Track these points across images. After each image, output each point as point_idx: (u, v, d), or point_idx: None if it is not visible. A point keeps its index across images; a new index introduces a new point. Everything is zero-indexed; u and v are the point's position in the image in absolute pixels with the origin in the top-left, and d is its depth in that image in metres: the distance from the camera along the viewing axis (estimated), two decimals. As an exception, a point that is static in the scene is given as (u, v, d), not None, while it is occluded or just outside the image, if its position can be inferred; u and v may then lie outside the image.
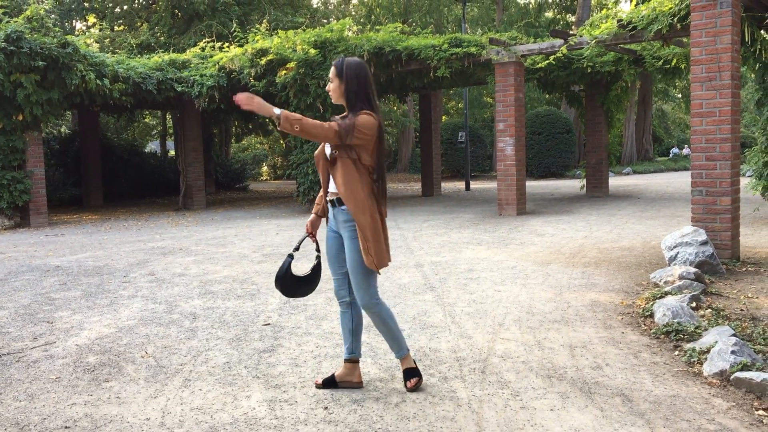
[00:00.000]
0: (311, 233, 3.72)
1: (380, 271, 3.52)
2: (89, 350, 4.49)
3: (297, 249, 3.74)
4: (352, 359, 3.67)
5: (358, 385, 3.67)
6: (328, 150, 3.49)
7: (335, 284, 3.69)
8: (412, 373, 3.63)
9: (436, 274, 6.76)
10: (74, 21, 26.84)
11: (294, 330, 4.86)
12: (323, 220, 3.74)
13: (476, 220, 11.54)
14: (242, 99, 3.15)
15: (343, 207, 3.47)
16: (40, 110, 12.16)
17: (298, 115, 3.23)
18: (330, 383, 3.67)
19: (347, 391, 3.62)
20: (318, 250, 3.80)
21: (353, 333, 3.68)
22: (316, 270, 3.80)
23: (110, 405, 3.52)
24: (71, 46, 12.21)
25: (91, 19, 27.04)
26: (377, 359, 4.15)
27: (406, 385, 3.61)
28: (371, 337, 4.62)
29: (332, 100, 3.55)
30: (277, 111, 3.18)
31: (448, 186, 22.40)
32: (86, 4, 24.98)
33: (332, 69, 3.51)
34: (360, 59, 3.55)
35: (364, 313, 3.65)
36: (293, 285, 3.75)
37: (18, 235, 11.42)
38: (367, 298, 3.51)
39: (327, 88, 3.59)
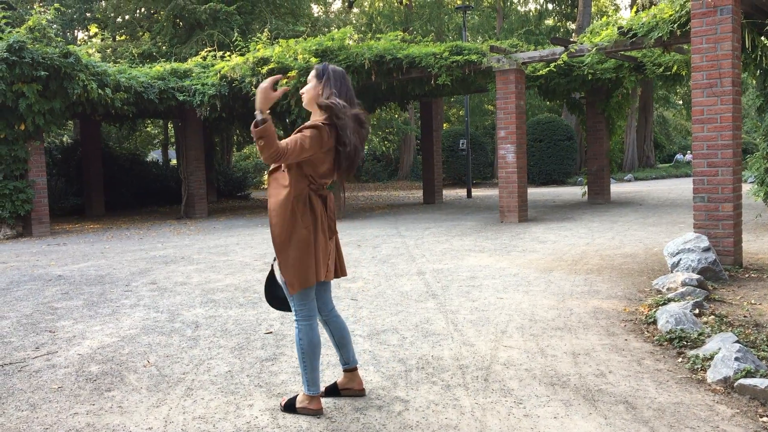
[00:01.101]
0: None
1: (296, 290, 3.31)
2: (91, 359, 4.48)
3: (276, 259, 3.58)
4: (348, 369, 3.64)
5: (360, 393, 3.64)
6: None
7: None
8: (290, 404, 3.46)
9: (438, 282, 6.75)
10: (76, 31, 26.96)
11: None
12: None
13: (478, 227, 11.54)
14: (265, 84, 3.10)
15: None
16: (42, 120, 12.18)
17: (272, 134, 3.04)
18: (332, 391, 3.65)
19: (350, 400, 3.61)
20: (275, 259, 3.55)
21: (339, 346, 3.61)
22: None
23: (112, 414, 3.51)
24: (73, 56, 12.24)
25: (93, 29, 27.16)
26: (379, 367, 4.14)
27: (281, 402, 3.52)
28: (373, 345, 4.61)
29: (304, 103, 3.42)
30: (259, 116, 3.04)
31: (449, 193, 22.40)
32: (88, 14, 25.08)
33: (312, 71, 3.41)
34: (343, 69, 3.47)
35: (340, 324, 3.60)
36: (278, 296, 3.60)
37: (20, 244, 11.42)
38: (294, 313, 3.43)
39: (301, 90, 3.46)
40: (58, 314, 5.84)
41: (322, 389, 3.65)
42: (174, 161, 26.67)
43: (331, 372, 4.08)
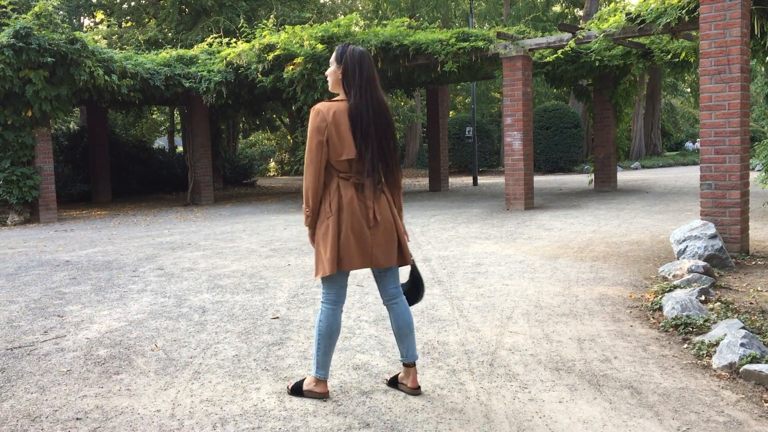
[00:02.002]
0: None
1: (319, 277, 3.35)
2: (99, 343, 4.52)
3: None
4: (405, 363, 3.48)
5: (411, 392, 3.46)
6: None
7: None
8: (297, 387, 3.48)
9: (443, 269, 6.76)
10: (82, 17, 26.95)
11: (303, 323, 4.88)
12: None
13: (484, 214, 11.54)
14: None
15: None
16: (49, 106, 12.21)
17: (305, 213, 3.36)
18: (393, 383, 3.57)
19: (356, 383, 3.63)
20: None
21: (396, 336, 3.49)
22: (412, 275, 3.66)
23: (121, 397, 3.54)
24: (79, 42, 12.25)
25: (99, 16, 27.14)
26: (385, 352, 4.16)
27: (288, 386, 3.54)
28: (379, 331, 4.64)
29: (329, 87, 3.44)
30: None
31: (455, 181, 22.38)
32: (94, 1, 25.06)
33: (333, 54, 3.42)
34: (364, 49, 3.45)
35: (399, 314, 3.48)
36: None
37: (28, 230, 11.48)
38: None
39: (326, 73, 3.49)
40: (66, 299, 5.89)
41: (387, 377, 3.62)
42: (180, 148, 26.70)
43: (336, 356, 4.09)
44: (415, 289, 3.63)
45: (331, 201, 3.30)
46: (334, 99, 3.37)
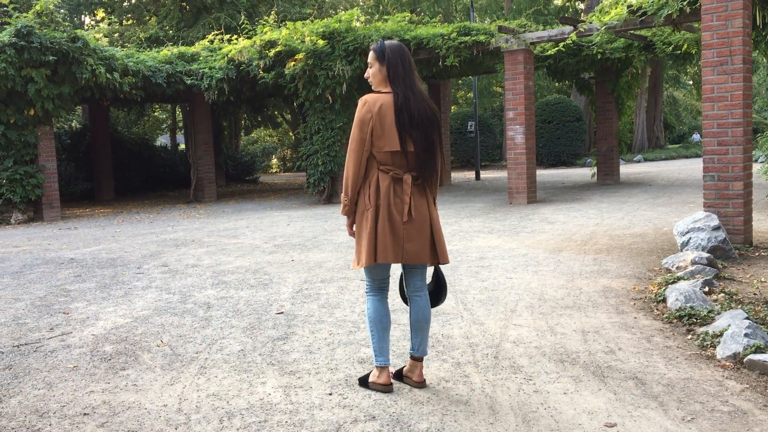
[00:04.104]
0: None
1: (360, 266, 3.38)
2: (105, 340, 4.54)
3: None
4: (413, 356, 3.49)
5: (416, 385, 3.48)
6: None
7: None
8: (363, 380, 3.53)
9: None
10: (83, 16, 26.95)
11: (307, 318, 4.89)
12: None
13: (487, 209, 11.54)
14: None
15: None
16: (51, 105, 12.23)
17: (343, 202, 3.39)
18: (399, 376, 3.57)
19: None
20: None
21: (411, 328, 3.50)
22: (436, 276, 3.66)
23: (127, 392, 3.56)
24: (81, 41, 12.26)
25: (100, 14, 27.13)
26: (390, 346, 4.17)
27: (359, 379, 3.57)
28: (384, 325, 4.64)
29: (373, 86, 3.44)
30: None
31: (458, 176, 22.37)
32: (95, -1, 25.05)
33: (371, 53, 3.41)
34: (400, 42, 3.47)
35: (417, 307, 3.49)
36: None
37: (32, 228, 11.51)
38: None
39: (366, 75, 3.48)
40: (71, 296, 5.91)
41: (392, 371, 3.59)
42: (182, 146, 26.73)
43: (341, 351, 4.11)
44: (438, 291, 3.64)
45: (370, 193, 3.33)
46: (380, 91, 3.40)
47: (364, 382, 3.51)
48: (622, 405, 3.17)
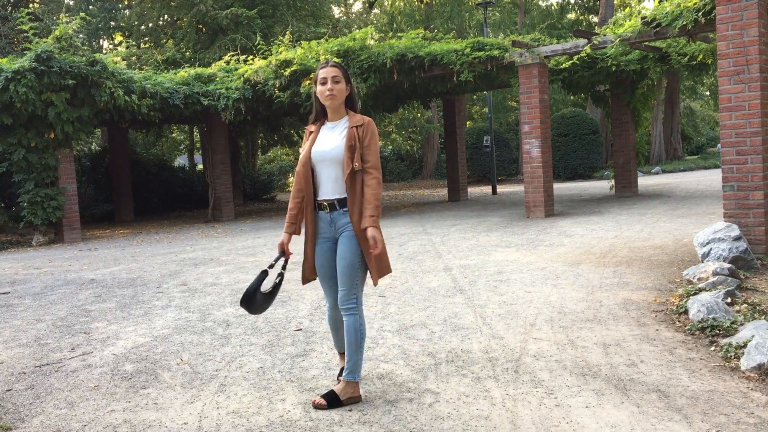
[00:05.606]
0: (288, 253, 3.65)
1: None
2: (126, 359, 4.56)
3: (272, 266, 3.66)
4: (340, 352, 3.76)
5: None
6: (341, 158, 3.48)
7: (341, 294, 3.52)
8: (333, 398, 3.46)
9: (465, 277, 6.75)
10: (101, 40, 27.36)
11: (326, 335, 4.89)
12: (294, 236, 3.66)
13: (504, 223, 11.50)
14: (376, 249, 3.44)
15: (344, 209, 3.50)
16: (71, 128, 12.40)
17: (373, 214, 3.45)
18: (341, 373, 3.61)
19: (380, 393, 3.63)
20: (284, 268, 3.70)
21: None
22: (276, 288, 3.72)
23: (148, 411, 3.57)
24: (100, 64, 12.45)
25: (118, 38, 27.54)
26: (409, 361, 4.16)
27: (314, 401, 3.50)
28: (402, 340, 4.63)
29: (332, 101, 3.52)
30: (371, 232, 3.41)
31: (474, 191, 22.34)
32: (112, 23, 25.45)
33: (336, 70, 3.52)
34: None
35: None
36: (260, 302, 3.64)
37: (53, 250, 11.64)
38: (352, 297, 3.49)
39: (330, 88, 3.49)
40: (92, 316, 5.95)
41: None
42: (200, 166, 26.94)
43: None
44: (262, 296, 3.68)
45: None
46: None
47: (334, 401, 3.46)
48: (646, 418, 3.13)
